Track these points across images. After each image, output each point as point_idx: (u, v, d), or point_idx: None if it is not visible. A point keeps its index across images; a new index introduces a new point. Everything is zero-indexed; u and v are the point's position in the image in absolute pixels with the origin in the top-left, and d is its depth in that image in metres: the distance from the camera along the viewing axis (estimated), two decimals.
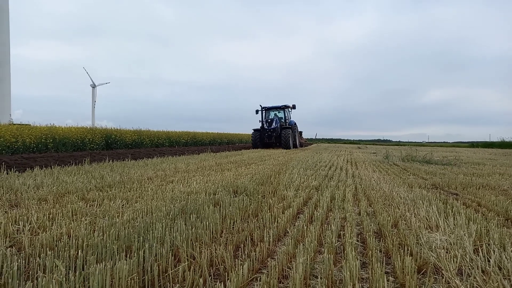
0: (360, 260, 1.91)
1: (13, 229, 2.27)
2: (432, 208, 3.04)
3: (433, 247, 2.12)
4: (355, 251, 1.97)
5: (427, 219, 2.78)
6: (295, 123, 20.79)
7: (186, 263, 1.75)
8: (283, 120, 20.17)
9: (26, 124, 13.60)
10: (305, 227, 2.44)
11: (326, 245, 2.07)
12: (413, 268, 1.70)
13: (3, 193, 3.41)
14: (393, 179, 5.51)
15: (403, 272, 1.72)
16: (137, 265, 1.70)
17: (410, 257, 1.80)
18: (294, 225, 2.60)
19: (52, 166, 5.87)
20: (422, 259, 1.92)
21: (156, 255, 1.85)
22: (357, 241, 2.27)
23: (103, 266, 1.54)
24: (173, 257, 1.85)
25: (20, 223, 2.38)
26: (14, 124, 13.42)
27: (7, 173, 4.71)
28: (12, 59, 21.39)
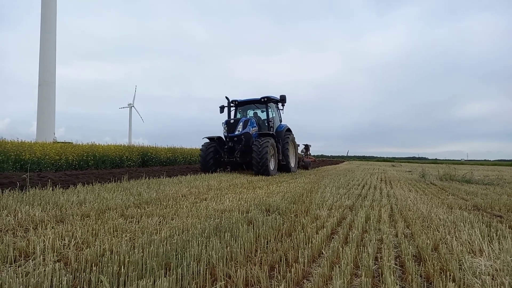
0: (399, 285, 1.86)
1: (59, 244, 2.40)
2: (475, 231, 2.90)
3: (477, 273, 2.03)
4: (394, 275, 1.92)
5: (469, 242, 2.66)
6: (287, 129, 12.47)
7: (223, 282, 1.78)
8: (266, 123, 12.04)
9: (69, 142, 14.41)
10: (340, 249, 2.41)
11: (363, 268, 2.04)
12: None
13: (50, 209, 3.62)
14: (431, 199, 5.30)
15: None
16: (175, 282, 1.75)
17: (453, 283, 1.73)
18: (329, 246, 2.57)
19: (93, 183, 6.16)
20: (466, 285, 1.84)
21: (193, 273, 1.90)
22: (395, 264, 2.21)
23: (145, 283, 1.60)
24: (209, 276, 1.89)
25: (66, 238, 2.52)
26: (58, 142, 14.26)
27: (53, 190, 5.00)
28: (57, 79, 22.84)
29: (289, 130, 12.67)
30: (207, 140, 11.29)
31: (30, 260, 2.08)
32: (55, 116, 22.67)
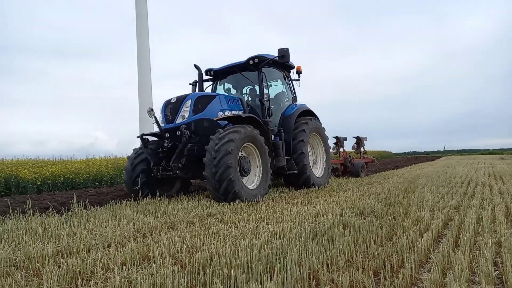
0: None
1: (173, 249, 2.68)
2: None
3: None
4: None
5: None
6: (304, 111, 7.18)
7: (328, 287, 1.80)
8: (262, 99, 6.35)
9: None
10: (452, 253, 2.23)
11: (481, 274, 1.86)
12: None
13: (160, 216, 4.05)
14: None
15: None
16: (281, 286, 1.83)
17: None
18: (437, 250, 2.40)
19: (193, 192, 6.70)
20: None
21: (296, 277, 1.95)
22: None
23: (254, 286, 1.70)
24: (313, 280, 1.92)
25: (178, 243, 2.80)
26: None
27: (160, 199, 5.57)
28: (153, 98, 25.51)
29: (307, 113, 7.30)
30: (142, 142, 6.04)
31: (152, 263, 2.36)
32: None
